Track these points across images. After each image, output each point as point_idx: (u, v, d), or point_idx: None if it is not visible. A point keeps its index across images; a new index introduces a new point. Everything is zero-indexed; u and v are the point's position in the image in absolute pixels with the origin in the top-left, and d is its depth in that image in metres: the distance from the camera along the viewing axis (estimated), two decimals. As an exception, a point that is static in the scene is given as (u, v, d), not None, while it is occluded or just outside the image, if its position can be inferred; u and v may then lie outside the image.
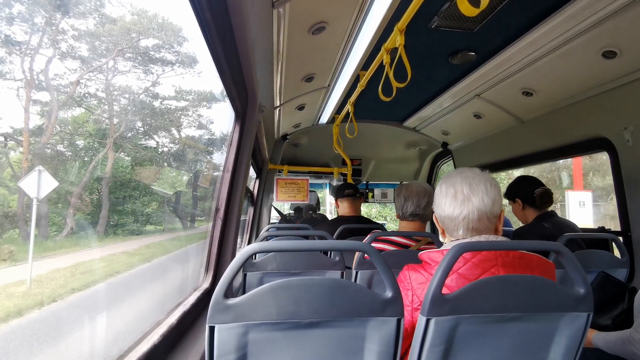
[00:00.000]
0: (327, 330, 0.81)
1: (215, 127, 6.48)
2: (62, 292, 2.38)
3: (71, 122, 3.68)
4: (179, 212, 5.30)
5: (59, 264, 2.74)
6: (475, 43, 1.93)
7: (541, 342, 0.90)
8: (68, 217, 2.90)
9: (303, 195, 3.85)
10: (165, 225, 5.39)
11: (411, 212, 1.78)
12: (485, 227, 1.04)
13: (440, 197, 1.09)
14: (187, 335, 1.24)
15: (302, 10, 1.42)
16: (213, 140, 6.59)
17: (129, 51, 4.50)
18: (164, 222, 5.44)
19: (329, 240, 1.61)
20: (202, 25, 1.06)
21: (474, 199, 1.02)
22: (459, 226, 1.05)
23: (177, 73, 5.63)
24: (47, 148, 2.77)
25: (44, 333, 2.06)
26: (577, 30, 1.62)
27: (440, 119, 3.20)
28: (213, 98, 6.20)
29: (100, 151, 3.72)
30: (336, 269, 1.65)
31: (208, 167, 6.94)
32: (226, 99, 1.63)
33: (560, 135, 2.40)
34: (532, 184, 2.06)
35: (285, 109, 2.71)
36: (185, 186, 5.82)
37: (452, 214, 1.05)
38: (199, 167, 6.74)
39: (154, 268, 4.12)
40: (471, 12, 1.08)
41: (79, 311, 2.41)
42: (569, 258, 0.87)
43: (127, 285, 3.35)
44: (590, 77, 1.95)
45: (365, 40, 1.83)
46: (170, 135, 5.70)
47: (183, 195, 5.64)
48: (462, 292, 0.82)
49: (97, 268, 3.11)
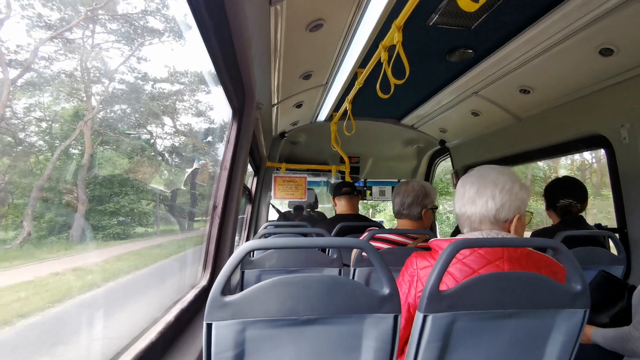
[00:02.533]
0: (324, 327, 0.81)
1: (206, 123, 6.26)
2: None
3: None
4: (174, 211, 5.08)
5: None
6: (472, 40, 1.93)
7: (538, 339, 0.90)
8: (25, 219, 2.30)
9: (301, 193, 3.84)
10: (158, 227, 4.85)
11: (397, 210, 1.80)
12: (486, 229, 1.05)
13: (456, 194, 1.15)
14: (184, 332, 1.24)
15: (299, 7, 1.42)
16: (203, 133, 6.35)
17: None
18: (156, 223, 4.96)
19: (326, 238, 1.61)
20: (199, 22, 1.06)
21: (478, 201, 1.05)
22: (464, 224, 1.10)
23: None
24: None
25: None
26: (574, 27, 1.62)
27: (438, 116, 3.21)
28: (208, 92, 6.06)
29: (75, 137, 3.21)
30: (334, 266, 1.65)
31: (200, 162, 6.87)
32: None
33: (558, 133, 2.41)
34: (560, 193, 1.97)
35: (283, 106, 2.70)
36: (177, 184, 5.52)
37: (458, 211, 1.11)
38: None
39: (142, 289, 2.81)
40: (470, 7, 1.08)
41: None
42: (565, 255, 0.88)
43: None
44: (587, 74, 1.95)
45: (363, 37, 1.83)
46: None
47: (180, 193, 5.31)
48: (459, 288, 0.83)
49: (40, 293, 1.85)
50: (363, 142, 3.89)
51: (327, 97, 2.82)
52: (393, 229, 1.78)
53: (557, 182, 2.05)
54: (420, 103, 3.04)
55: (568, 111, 2.28)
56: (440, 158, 4.19)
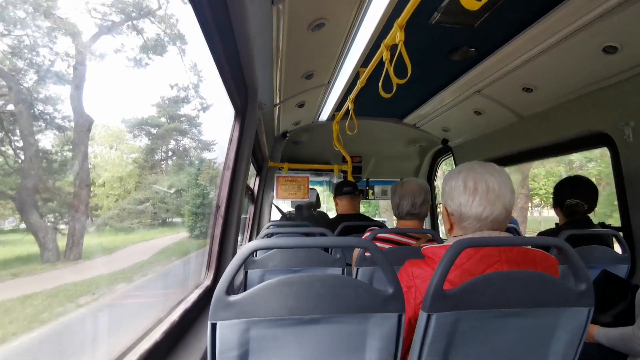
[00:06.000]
0: (328, 326, 0.81)
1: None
2: None
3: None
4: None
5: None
6: (475, 39, 1.92)
7: (542, 337, 0.90)
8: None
9: (303, 193, 3.84)
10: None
11: (407, 211, 1.77)
12: (505, 226, 1.03)
13: (464, 194, 1.01)
14: (189, 332, 1.24)
15: (301, 7, 1.42)
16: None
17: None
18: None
19: (330, 237, 1.61)
20: (202, 21, 1.06)
21: (504, 197, 0.99)
22: (484, 227, 1.01)
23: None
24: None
25: None
26: (578, 25, 1.61)
27: (441, 115, 3.20)
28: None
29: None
30: (337, 265, 1.65)
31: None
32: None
33: (561, 131, 2.40)
34: (570, 192, 1.95)
35: (285, 106, 2.70)
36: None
37: (481, 213, 0.99)
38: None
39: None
40: (473, 5, 1.07)
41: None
42: (570, 254, 0.87)
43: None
44: (590, 72, 1.94)
45: (365, 36, 1.83)
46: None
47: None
48: (463, 287, 0.83)
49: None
50: (365, 142, 3.89)
51: (329, 96, 2.81)
52: (395, 229, 1.78)
53: (566, 181, 2.03)
54: (422, 102, 3.04)
55: (571, 109, 2.26)
56: (442, 157, 4.18)
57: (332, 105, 3.06)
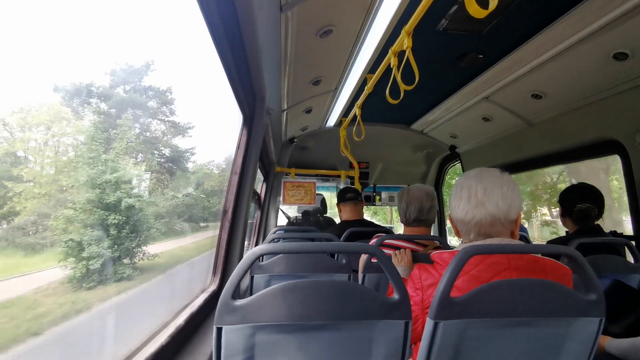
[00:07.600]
0: (334, 332, 0.81)
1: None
2: None
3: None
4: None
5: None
6: (483, 45, 1.92)
7: (552, 348, 0.88)
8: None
9: (310, 198, 3.84)
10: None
11: (415, 217, 1.75)
12: (498, 232, 1.01)
13: (455, 198, 1.05)
14: (194, 336, 1.24)
15: (309, 14, 1.43)
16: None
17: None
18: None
19: (337, 243, 1.61)
20: (211, 29, 1.08)
21: (488, 203, 0.99)
22: (471, 230, 1.03)
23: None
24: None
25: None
26: (588, 31, 1.60)
27: (448, 122, 3.19)
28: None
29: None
30: (343, 272, 1.64)
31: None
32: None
33: (571, 138, 2.37)
34: (579, 198, 1.91)
35: (292, 112, 2.72)
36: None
37: (464, 217, 1.02)
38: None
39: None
40: (480, 13, 1.07)
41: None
42: (580, 262, 0.86)
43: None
44: (601, 79, 1.92)
45: (373, 43, 1.83)
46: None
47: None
48: (471, 295, 0.81)
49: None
50: (372, 148, 3.88)
51: (337, 102, 2.82)
52: (401, 235, 1.76)
53: (572, 188, 2.00)
54: (430, 108, 3.03)
55: (581, 116, 2.24)
56: (450, 163, 4.15)
57: (339, 111, 3.07)
